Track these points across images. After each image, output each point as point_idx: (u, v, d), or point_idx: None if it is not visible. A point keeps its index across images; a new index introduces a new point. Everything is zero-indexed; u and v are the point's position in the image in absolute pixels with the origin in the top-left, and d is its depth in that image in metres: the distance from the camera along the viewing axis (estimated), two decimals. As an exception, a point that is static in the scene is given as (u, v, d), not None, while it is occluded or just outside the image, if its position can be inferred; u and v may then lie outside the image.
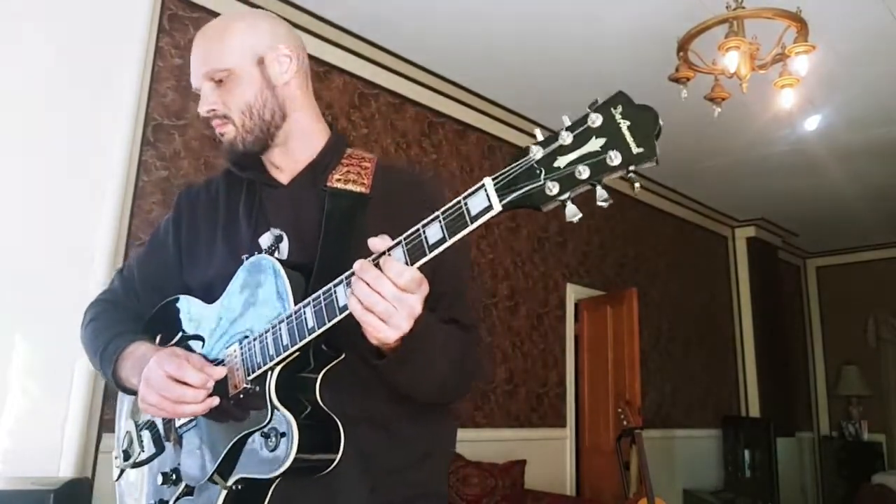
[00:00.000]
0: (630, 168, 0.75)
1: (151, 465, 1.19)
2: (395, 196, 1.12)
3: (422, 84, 4.21)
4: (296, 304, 0.97)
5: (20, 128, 2.25)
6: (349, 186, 1.13)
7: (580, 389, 5.09)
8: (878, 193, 6.04)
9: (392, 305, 0.85)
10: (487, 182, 0.81)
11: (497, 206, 0.80)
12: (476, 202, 0.81)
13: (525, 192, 0.79)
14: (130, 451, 1.24)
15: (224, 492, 1.02)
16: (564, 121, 0.79)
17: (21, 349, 2.15)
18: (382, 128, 4.03)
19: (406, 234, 0.86)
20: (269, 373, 1.00)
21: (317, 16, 3.60)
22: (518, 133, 4.81)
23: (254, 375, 1.01)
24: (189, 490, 1.09)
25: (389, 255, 0.87)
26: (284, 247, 1.12)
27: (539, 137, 0.81)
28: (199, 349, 1.13)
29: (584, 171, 0.76)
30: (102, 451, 2.60)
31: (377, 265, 0.86)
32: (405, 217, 0.89)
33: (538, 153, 0.79)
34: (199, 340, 1.15)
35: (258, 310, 1.04)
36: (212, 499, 1.04)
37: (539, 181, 0.78)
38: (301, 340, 0.95)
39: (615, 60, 3.92)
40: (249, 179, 1.21)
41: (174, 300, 1.22)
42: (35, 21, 2.33)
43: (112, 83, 2.45)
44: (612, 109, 0.76)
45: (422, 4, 3.53)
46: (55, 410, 2.16)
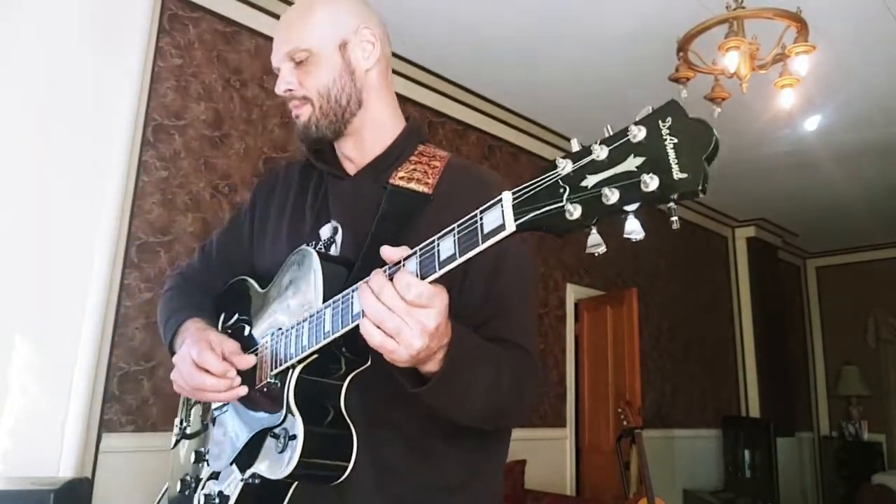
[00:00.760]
0: (671, 197, 0.61)
1: (193, 442, 1.21)
2: (457, 198, 0.99)
3: (422, 84, 4.20)
4: (324, 303, 0.93)
5: (20, 128, 2.25)
6: (412, 185, 1.07)
7: (580, 389, 5.09)
8: (878, 193, 6.03)
9: (402, 320, 0.77)
10: (506, 197, 0.71)
11: (511, 227, 0.70)
12: (491, 218, 0.72)
13: (542, 214, 0.68)
14: (183, 423, 1.27)
15: (241, 484, 1.00)
16: (605, 131, 0.67)
17: (21, 349, 2.14)
18: (382, 128, 4.01)
19: (422, 245, 0.79)
20: (291, 371, 0.96)
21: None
22: (518, 133, 4.81)
23: (277, 370, 0.99)
24: (216, 474, 1.09)
25: (404, 267, 0.80)
26: (339, 240, 1.09)
27: (575, 147, 0.69)
28: (246, 333, 1.13)
29: (613, 195, 0.63)
30: (102, 451, 2.61)
31: (391, 277, 0.79)
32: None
33: (566, 167, 0.67)
34: (249, 325, 1.15)
35: (294, 302, 1.02)
36: (230, 488, 1.03)
37: (560, 202, 0.67)
38: (317, 343, 0.91)
39: (615, 60, 3.92)
40: (320, 171, 1.19)
41: (239, 281, 1.23)
42: (35, 21, 2.33)
43: (112, 83, 2.45)
44: (660, 122, 0.62)
45: (421, 4, 3.53)
46: (55, 410, 2.16)
